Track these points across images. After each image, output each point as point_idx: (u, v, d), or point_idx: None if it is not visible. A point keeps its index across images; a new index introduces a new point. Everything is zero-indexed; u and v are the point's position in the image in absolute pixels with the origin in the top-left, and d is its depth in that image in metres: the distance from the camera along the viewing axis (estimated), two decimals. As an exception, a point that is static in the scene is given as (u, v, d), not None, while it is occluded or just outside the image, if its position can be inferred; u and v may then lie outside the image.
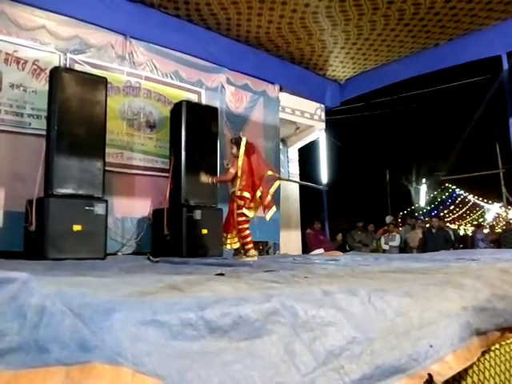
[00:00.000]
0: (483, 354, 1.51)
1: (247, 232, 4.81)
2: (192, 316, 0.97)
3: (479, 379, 1.50)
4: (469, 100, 12.07)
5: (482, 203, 22.74)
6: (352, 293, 1.31)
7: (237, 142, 4.91)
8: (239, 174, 4.80)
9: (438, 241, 9.23)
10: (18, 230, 4.70)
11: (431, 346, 1.27)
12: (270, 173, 4.94)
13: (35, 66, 5.24)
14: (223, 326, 1.00)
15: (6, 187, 4.92)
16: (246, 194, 4.78)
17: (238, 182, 4.80)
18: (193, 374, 0.88)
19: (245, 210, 4.76)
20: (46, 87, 4.95)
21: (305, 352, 1.06)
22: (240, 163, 4.81)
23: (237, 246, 4.97)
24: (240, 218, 4.78)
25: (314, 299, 1.22)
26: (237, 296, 1.14)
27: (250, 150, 4.90)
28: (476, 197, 22.41)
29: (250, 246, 4.78)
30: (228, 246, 5.02)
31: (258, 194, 4.75)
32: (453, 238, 10.04)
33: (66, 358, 0.79)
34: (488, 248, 10.51)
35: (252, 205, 4.84)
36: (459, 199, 22.67)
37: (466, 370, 1.44)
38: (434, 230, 9.66)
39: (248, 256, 4.70)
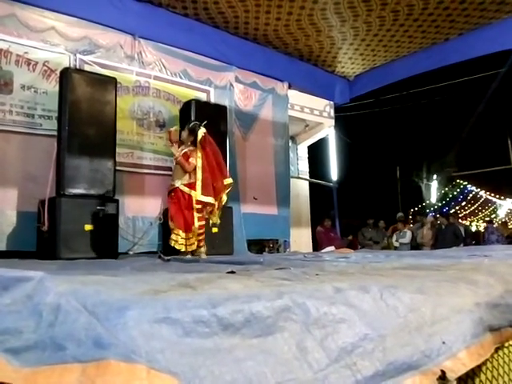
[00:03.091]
0: (496, 350, 1.50)
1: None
2: (204, 313, 0.98)
3: (493, 376, 1.49)
4: (480, 95, 11.96)
5: (494, 199, 22.50)
6: (364, 290, 1.31)
7: (192, 130, 4.55)
8: (198, 167, 4.50)
9: (447, 237, 9.21)
10: (31, 229, 4.75)
11: (444, 343, 1.26)
12: (229, 181, 4.73)
13: (45, 67, 5.28)
14: (235, 323, 1.00)
15: (19, 188, 4.97)
16: (210, 200, 4.54)
17: (189, 176, 4.53)
18: (206, 370, 0.88)
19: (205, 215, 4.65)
20: (57, 88, 4.99)
21: (317, 349, 1.06)
22: (199, 155, 4.51)
23: (194, 247, 4.61)
24: (200, 223, 4.54)
25: (326, 296, 1.22)
26: (248, 293, 1.15)
27: (207, 142, 4.59)
28: (488, 193, 22.18)
29: (203, 243, 4.67)
30: (188, 248, 4.58)
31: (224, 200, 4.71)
32: (463, 233, 9.95)
33: (81, 355, 0.80)
34: (500, 240, 10.47)
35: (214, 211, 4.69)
36: (471, 195, 22.45)
37: (479, 367, 1.43)
38: (443, 226, 9.62)
39: (201, 252, 4.61)
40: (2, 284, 0.87)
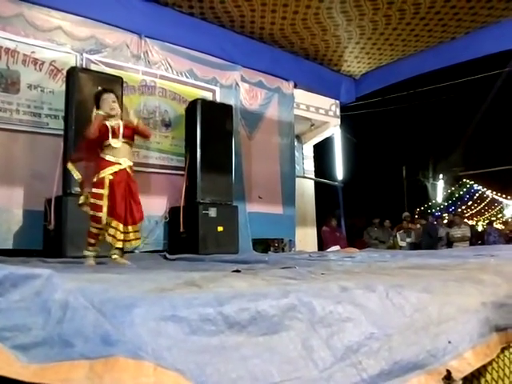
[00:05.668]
0: (503, 350, 1.50)
1: None
2: (211, 311, 0.98)
3: (499, 376, 1.48)
4: (487, 94, 11.88)
5: (500, 199, 22.38)
6: (370, 288, 1.31)
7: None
8: None
9: (424, 237, 9.39)
10: (37, 228, 4.78)
11: (450, 342, 1.26)
12: None
13: (52, 67, 5.30)
14: (241, 322, 1.01)
15: (25, 186, 5.00)
16: None
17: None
18: (212, 368, 0.89)
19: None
20: (63, 87, 5.02)
21: (322, 347, 1.07)
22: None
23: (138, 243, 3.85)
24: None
25: (332, 295, 1.22)
26: (254, 292, 1.15)
27: None
28: (494, 192, 22.06)
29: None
30: (133, 243, 3.77)
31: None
32: (439, 234, 9.90)
33: (89, 351, 0.81)
34: (497, 241, 10.49)
35: None
36: (477, 195, 22.34)
37: (485, 367, 1.43)
38: (419, 227, 9.84)
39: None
40: (11, 281, 0.88)
